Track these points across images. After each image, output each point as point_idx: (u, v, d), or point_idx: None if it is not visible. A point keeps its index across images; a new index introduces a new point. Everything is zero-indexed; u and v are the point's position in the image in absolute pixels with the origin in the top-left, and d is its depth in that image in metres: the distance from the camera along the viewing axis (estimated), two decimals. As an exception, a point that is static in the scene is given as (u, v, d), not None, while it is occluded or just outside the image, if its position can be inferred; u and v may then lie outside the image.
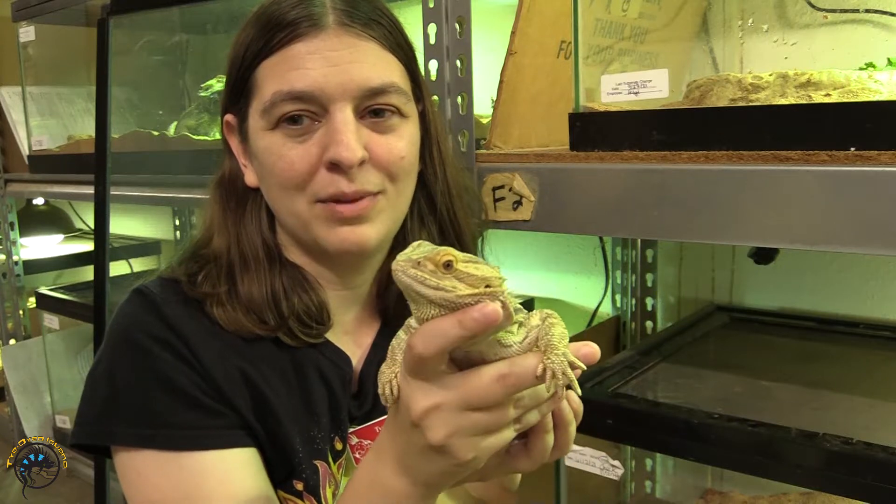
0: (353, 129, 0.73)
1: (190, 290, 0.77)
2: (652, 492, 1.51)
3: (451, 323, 0.51)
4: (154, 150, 1.79)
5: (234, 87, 0.79)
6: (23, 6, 2.00)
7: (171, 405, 0.72)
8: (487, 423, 0.54)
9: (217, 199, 0.84)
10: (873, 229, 0.69)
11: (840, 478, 0.83)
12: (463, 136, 1.04)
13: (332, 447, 0.80)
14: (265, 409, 0.76)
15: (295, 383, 0.79)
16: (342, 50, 0.73)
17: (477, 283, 0.52)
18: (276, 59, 0.74)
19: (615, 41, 1.02)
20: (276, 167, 0.75)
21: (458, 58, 1.02)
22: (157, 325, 0.74)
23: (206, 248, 0.82)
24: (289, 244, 0.82)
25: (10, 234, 2.34)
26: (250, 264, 0.79)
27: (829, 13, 1.21)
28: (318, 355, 0.80)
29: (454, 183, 0.86)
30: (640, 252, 1.57)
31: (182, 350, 0.74)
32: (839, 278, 1.35)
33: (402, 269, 0.52)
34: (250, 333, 0.77)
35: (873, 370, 1.18)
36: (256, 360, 0.77)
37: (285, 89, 0.73)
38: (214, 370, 0.74)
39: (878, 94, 0.79)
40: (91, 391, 0.76)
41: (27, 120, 2.12)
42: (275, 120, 0.74)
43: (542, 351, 0.54)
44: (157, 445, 0.72)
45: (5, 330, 2.40)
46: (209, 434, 0.73)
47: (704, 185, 0.79)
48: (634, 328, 1.60)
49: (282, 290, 0.78)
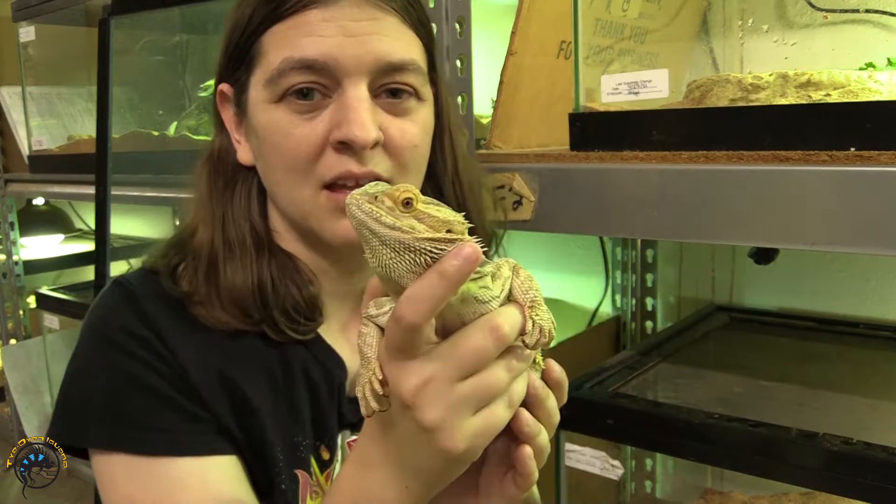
0: (367, 107, 0.67)
1: (169, 287, 0.72)
2: (652, 492, 1.51)
3: (431, 279, 0.47)
4: (154, 150, 1.79)
5: (235, 54, 0.72)
6: (23, 6, 2.00)
7: (147, 406, 0.67)
8: (481, 391, 0.50)
9: (204, 178, 0.77)
10: (873, 229, 0.69)
11: (840, 478, 0.83)
12: (463, 136, 1.04)
13: (318, 456, 0.74)
14: (246, 413, 0.70)
15: (282, 384, 0.73)
16: (362, 20, 0.67)
17: (438, 225, 0.48)
18: (288, 24, 0.67)
19: (615, 41, 1.02)
20: (280, 146, 0.68)
21: (458, 58, 1.02)
22: (135, 321, 0.69)
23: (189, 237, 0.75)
24: (283, 230, 0.75)
25: (10, 234, 2.33)
26: (235, 250, 0.72)
27: (829, 13, 1.21)
28: (305, 354, 0.74)
29: (466, 176, 0.80)
30: (640, 252, 1.58)
31: (160, 348, 0.69)
32: (839, 278, 1.35)
33: (357, 203, 0.48)
34: (233, 329, 0.71)
35: (873, 370, 1.18)
36: (240, 358, 0.71)
37: (296, 56, 0.66)
38: (193, 371, 0.69)
39: (878, 94, 0.79)
40: (65, 388, 0.71)
41: (27, 120, 2.12)
42: (281, 92, 0.67)
43: (528, 306, 0.51)
44: (130, 449, 0.67)
45: (5, 330, 2.40)
46: (186, 439, 0.67)
47: (704, 185, 0.79)
48: (634, 328, 1.60)
49: (269, 280, 0.72)
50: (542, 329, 0.50)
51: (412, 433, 0.51)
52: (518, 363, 0.52)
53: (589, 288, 1.66)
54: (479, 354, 0.49)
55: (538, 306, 0.51)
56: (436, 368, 0.49)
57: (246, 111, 0.73)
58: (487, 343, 0.49)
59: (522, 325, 0.51)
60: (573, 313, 1.68)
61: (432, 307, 0.47)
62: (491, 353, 0.50)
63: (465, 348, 0.49)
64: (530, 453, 0.55)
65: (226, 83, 0.75)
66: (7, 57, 2.18)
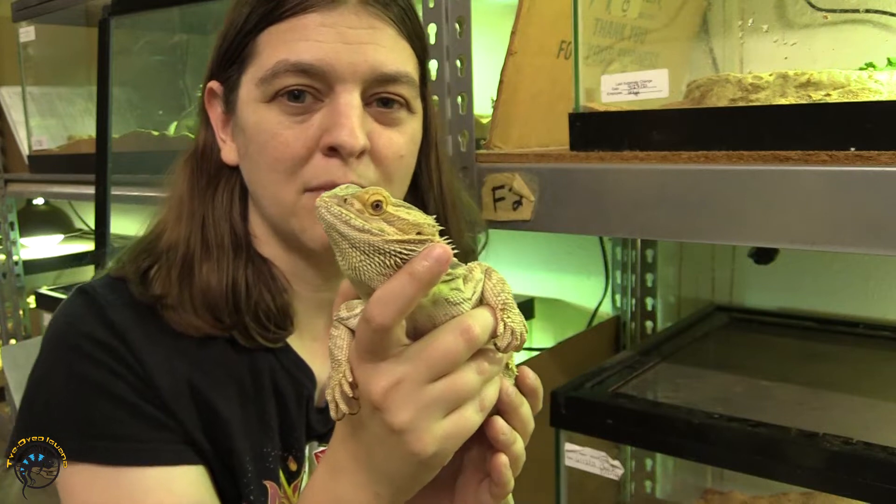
0: (358, 114, 0.67)
1: (139, 293, 0.70)
2: (652, 492, 1.51)
3: (401, 280, 0.46)
4: (154, 150, 1.79)
5: (229, 52, 0.71)
6: (23, 6, 2.00)
7: (112, 415, 0.66)
8: (451, 394, 0.49)
9: (186, 176, 0.75)
10: (873, 229, 0.69)
11: (840, 478, 0.83)
12: (463, 136, 1.04)
13: (286, 467, 0.73)
14: (214, 424, 0.69)
15: (251, 393, 0.71)
16: (360, 29, 0.67)
17: (407, 228, 0.48)
18: (285, 26, 0.67)
19: (615, 41, 1.02)
20: (267, 146, 0.68)
21: (458, 58, 1.02)
22: (101, 329, 0.68)
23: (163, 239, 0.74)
24: (262, 235, 0.75)
25: (10, 234, 2.33)
26: (212, 251, 0.71)
27: (829, 13, 1.21)
28: (275, 363, 0.73)
29: (449, 192, 0.80)
30: (640, 252, 1.57)
31: (127, 356, 0.67)
32: (839, 278, 1.35)
33: (326, 206, 0.47)
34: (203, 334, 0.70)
35: (873, 370, 1.18)
36: (209, 368, 0.70)
37: (292, 59, 0.66)
38: (161, 380, 0.67)
39: (878, 94, 0.79)
40: (28, 398, 0.69)
41: (27, 120, 2.11)
42: (273, 92, 0.67)
43: (500, 309, 0.51)
44: (95, 459, 0.65)
45: (5, 330, 2.40)
46: (152, 447, 0.66)
47: (704, 185, 0.79)
48: (634, 328, 1.60)
49: (244, 284, 0.71)
50: (514, 331, 0.50)
51: (382, 436, 0.51)
52: (490, 366, 0.51)
53: (589, 288, 1.66)
54: (449, 356, 0.49)
55: (510, 309, 0.51)
56: (406, 370, 0.49)
57: (235, 110, 0.72)
58: (458, 345, 0.49)
59: (494, 327, 0.50)
60: (573, 313, 1.68)
61: (402, 308, 0.47)
62: (462, 354, 0.49)
63: (435, 350, 0.49)
64: (506, 462, 0.55)
65: (216, 81, 0.74)
66: (7, 57, 2.18)
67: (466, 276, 0.52)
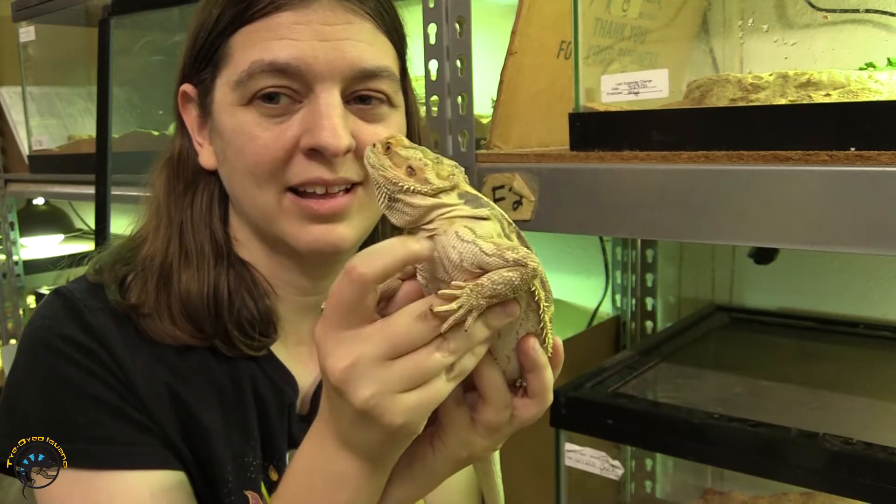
0: (340, 114, 0.65)
1: (115, 301, 0.68)
2: (652, 492, 1.51)
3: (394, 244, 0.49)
4: (154, 150, 1.78)
5: (201, 54, 0.69)
6: (23, 6, 2.00)
7: (92, 418, 0.64)
8: (413, 371, 0.49)
9: (162, 182, 0.73)
10: (873, 229, 0.69)
11: (840, 478, 0.83)
12: (463, 136, 1.04)
13: (267, 477, 0.71)
14: (194, 432, 0.67)
15: (232, 401, 0.70)
16: (336, 25, 0.65)
17: (399, 162, 0.52)
18: (258, 26, 0.65)
19: (615, 41, 1.02)
20: (245, 149, 0.66)
21: (458, 58, 1.02)
22: (79, 332, 0.66)
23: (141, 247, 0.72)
24: (244, 238, 0.73)
25: (10, 234, 2.33)
26: (192, 258, 0.69)
27: (829, 13, 1.21)
28: (256, 371, 0.71)
29: None
30: (640, 252, 1.57)
31: (106, 359, 0.65)
32: (839, 278, 1.35)
33: (369, 148, 0.53)
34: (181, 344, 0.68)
35: (873, 370, 1.18)
36: (190, 375, 0.68)
37: (266, 59, 0.64)
38: (141, 385, 0.66)
39: (878, 94, 0.79)
40: (6, 401, 0.67)
41: (27, 120, 2.11)
42: (249, 95, 0.65)
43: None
44: (76, 463, 0.63)
45: (5, 330, 2.40)
46: (134, 450, 0.64)
47: (704, 185, 0.79)
48: (634, 328, 1.60)
49: (225, 292, 0.69)
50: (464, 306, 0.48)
51: (348, 411, 0.51)
52: (457, 344, 0.49)
53: (589, 288, 1.66)
54: (409, 336, 0.49)
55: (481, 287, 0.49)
56: (364, 349, 0.49)
57: (210, 113, 0.70)
58: (415, 326, 0.49)
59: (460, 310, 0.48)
60: (573, 313, 1.68)
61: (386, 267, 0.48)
62: (420, 335, 0.49)
63: (392, 331, 0.49)
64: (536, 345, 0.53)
65: (189, 84, 0.72)
66: (7, 57, 2.18)
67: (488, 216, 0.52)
